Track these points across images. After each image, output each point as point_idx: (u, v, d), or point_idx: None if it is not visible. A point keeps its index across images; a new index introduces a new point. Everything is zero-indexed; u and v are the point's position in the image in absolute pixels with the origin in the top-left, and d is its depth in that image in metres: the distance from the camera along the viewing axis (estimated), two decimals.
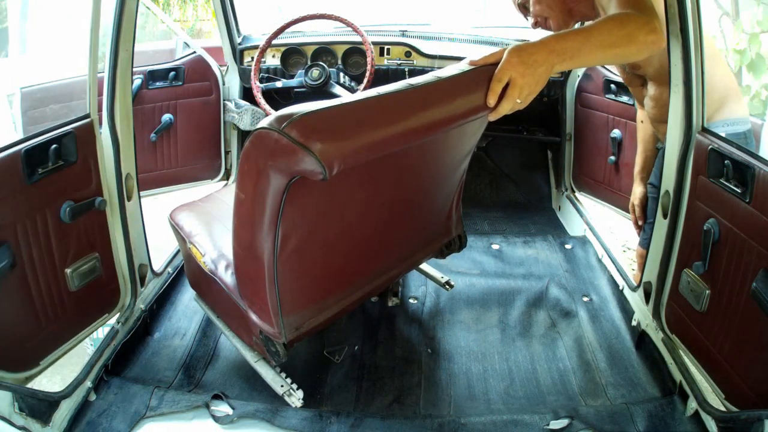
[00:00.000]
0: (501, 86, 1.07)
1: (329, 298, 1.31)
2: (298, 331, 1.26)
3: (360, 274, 1.37)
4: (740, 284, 1.20)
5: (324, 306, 1.31)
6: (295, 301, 1.21)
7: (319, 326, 1.34)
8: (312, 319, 1.29)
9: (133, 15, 1.44)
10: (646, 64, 1.54)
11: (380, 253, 1.38)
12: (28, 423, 1.20)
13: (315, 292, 1.28)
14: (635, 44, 1.15)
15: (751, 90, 3.67)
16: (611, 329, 1.69)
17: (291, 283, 1.17)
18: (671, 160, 1.42)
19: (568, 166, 2.55)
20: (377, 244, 1.33)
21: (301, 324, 1.26)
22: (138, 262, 1.61)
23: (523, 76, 1.06)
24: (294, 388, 1.40)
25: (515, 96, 1.07)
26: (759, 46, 3.58)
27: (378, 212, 1.25)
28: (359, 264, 1.34)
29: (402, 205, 1.31)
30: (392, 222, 1.32)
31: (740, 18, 3.73)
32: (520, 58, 1.07)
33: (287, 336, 1.23)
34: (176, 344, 1.62)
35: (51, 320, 1.36)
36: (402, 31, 2.61)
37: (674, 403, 1.38)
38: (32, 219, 1.29)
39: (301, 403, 1.38)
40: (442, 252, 1.59)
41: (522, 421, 1.33)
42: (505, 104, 1.08)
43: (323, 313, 1.31)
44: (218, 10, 2.46)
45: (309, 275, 1.22)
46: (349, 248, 1.26)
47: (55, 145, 1.32)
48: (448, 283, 1.80)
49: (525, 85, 1.07)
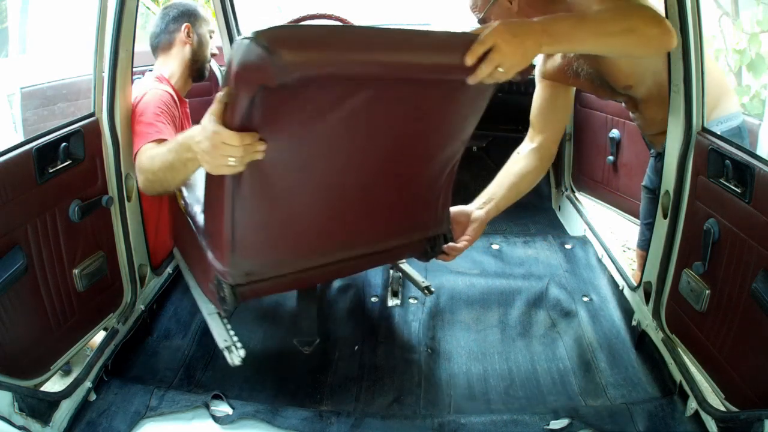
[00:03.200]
0: (483, 48, 1.03)
1: (285, 257, 1.27)
2: (248, 278, 1.23)
3: (323, 243, 1.29)
4: (740, 284, 1.20)
5: (278, 263, 1.27)
6: (249, 244, 1.18)
7: (272, 287, 1.32)
8: (264, 271, 1.25)
9: (133, 15, 1.44)
10: (638, 83, 1.50)
11: (349, 225, 1.29)
12: (28, 423, 1.20)
13: (271, 243, 1.23)
14: (636, 36, 1.13)
15: (751, 90, 3.67)
16: (611, 329, 1.69)
17: (248, 222, 1.14)
18: (671, 160, 1.42)
19: (568, 166, 2.55)
20: (347, 212, 1.25)
21: (251, 271, 1.23)
22: (138, 262, 1.62)
23: (508, 43, 1.03)
24: (238, 346, 1.36)
25: (496, 60, 1.03)
26: (759, 46, 3.58)
27: (350, 176, 1.18)
28: (324, 229, 1.26)
29: (377, 176, 1.22)
30: (366, 192, 1.24)
31: (740, 18, 3.73)
32: (509, 27, 1.05)
33: (235, 278, 1.22)
34: (176, 344, 1.62)
35: (60, 323, 1.36)
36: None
37: (674, 403, 1.38)
38: (42, 219, 1.29)
39: (240, 362, 1.35)
40: (426, 253, 1.52)
41: (522, 421, 1.33)
42: (485, 66, 1.03)
43: (276, 270, 1.28)
44: (218, 10, 2.47)
45: (268, 221, 1.18)
46: (314, 206, 1.20)
47: (64, 144, 1.32)
48: (428, 289, 1.70)
49: (509, 53, 1.04)
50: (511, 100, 2.67)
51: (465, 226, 1.56)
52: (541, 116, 1.68)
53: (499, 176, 1.64)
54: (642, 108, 1.59)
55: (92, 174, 1.43)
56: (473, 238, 1.55)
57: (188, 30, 1.81)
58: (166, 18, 1.83)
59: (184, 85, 1.85)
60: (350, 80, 1.00)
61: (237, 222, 1.13)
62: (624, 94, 1.57)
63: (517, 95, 2.53)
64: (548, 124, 1.66)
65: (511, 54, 1.04)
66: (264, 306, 1.77)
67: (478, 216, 1.56)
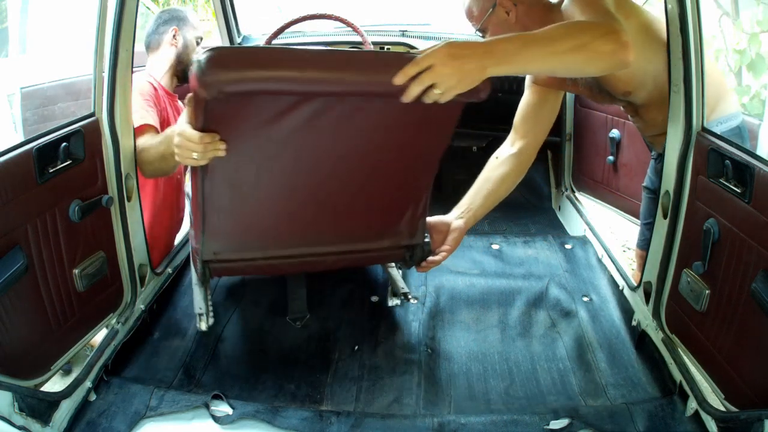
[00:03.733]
0: (416, 69, 1.03)
1: (248, 243, 1.42)
2: (215, 256, 1.41)
3: (285, 236, 1.42)
4: (740, 284, 1.20)
5: (242, 247, 1.42)
6: (216, 227, 1.35)
7: (240, 269, 1.50)
8: (229, 252, 1.42)
9: (133, 15, 1.44)
10: (637, 88, 1.48)
11: (310, 223, 1.39)
12: (28, 423, 1.20)
13: (235, 229, 1.37)
14: (586, 53, 1.10)
15: (751, 90, 3.67)
16: (611, 329, 1.69)
17: (215, 208, 1.30)
18: (671, 160, 1.42)
19: (568, 166, 2.55)
20: (306, 210, 1.36)
21: (218, 251, 1.40)
22: (138, 262, 1.62)
23: (444, 65, 1.03)
24: (211, 315, 1.55)
25: (427, 81, 1.03)
26: (759, 46, 3.58)
27: (308, 178, 1.29)
28: (285, 223, 1.39)
29: (334, 181, 1.31)
30: (325, 194, 1.33)
31: (740, 18, 3.73)
32: (449, 49, 1.04)
33: (205, 255, 1.40)
34: (176, 344, 1.62)
35: (60, 323, 1.36)
36: (402, 31, 2.61)
37: (674, 403, 1.38)
38: (42, 219, 1.29)
39: (206, 328, 1.55)
40: (406, 261, 1.55)
41: (522, 421, 1.33)
42: (414, 86, 1.04)
43: (240, 253, 1.43)
44: (218, 10, 2.47)
45: (232, 209, 1.32)
46: (274, 201, 1.33)
47: (64, 144, 1.32)
48: (406, 295, 1.69)
49: (444, 76, 1.03)
50: (512, 100, 2.67)
51: (444, 236, 1.57)
52: (526, 121, 1.67)
53: (478, 183, 1.64)
54: (642, 112, 1.58)
55: (92, 174, 1.43)
56: (452, 248, 1.56)
57: (175, 33, 1.94)
58: (159, 20, 1.97)
59: (170, 82, 1.98)
60: (291, 95, 1.11)
61: (206, 207, 1.29)
62: (623, 100, 1.57)
63: (517, 95, 2.53)
64: (531, 130, 1.66)
65: (448, 76, 1.04)
66: (264, 306, 1.77)
67: (457, 226, 1.57)
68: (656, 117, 1.52)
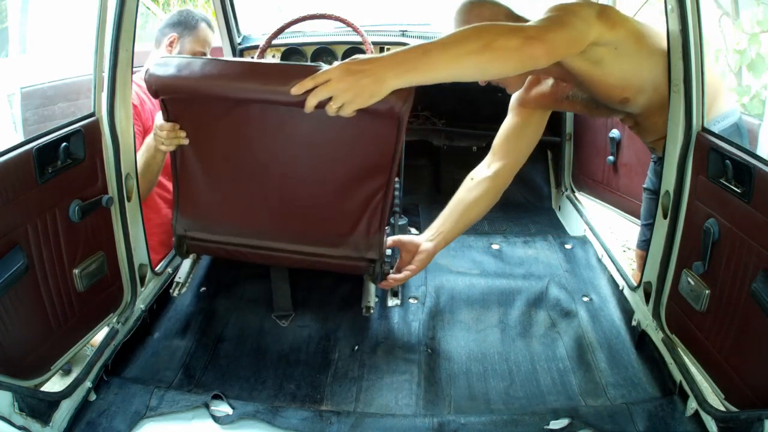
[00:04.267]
0: (312, 83, 1.08)
1: (213, 226, 1.54)
2: (186, 233, 1.55)
3: (245, 225, 1.52)
4: (740, 284, 1.20)
5: (209, 228, 1.54)
6: (186, 206, 1.50)
7: (210, 250, 1.63)
8: (197, 230, 1.54)
9: (133, 15, 1.44)
10: (636, 94, 1.45)
11: (268, 217, 1.50)
12: (28, 423, 1.20)
13: (201, 210, 1.52)
14: (493, 51, 1.10)
15: (751, 90, 3.67)
16: (611, 329, 1.69)
17: (185, 189, 1.48)
18: (671, 160, 1.42)
19: (568, 166, 2.55)
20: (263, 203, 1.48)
21: (188, 228, 1.54)
22: (138, 262, 1.62)
23: (339, 81, 1.06)
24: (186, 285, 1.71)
25: (321, 95, 1.08)
26: (759, 46, 3.58)
27: (260, 174, 1.42)
28: (244, 213, 1.50)
29: (283, 181, 1.42)
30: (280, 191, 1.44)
31: (740, 18, 3.73)
32: (347, 65, 1.08)
33: (178, 230, 1.55)
34: (176, 344, 1.62)
35: (60, 324, 1.36)
36: (402, 31, 2.61)
37: (674, 403, 1.38)
38: (42, 219, 1.29)
39: (177, 294, 1.69)
40: (370, 273, 1.54)
41: (522, 421, 1.33)
42: (310, 98, 1.09)
43: (207, 234, 1.55)
44: (218, 10, 2.47)
45: (197, 192, 1.48)
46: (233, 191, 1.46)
47: (64, 143, 1.32)
48: (367, 307, 1.65)
49: (339, 90, 1.07)
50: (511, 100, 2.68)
51: (413, 255, 1.61)
52: (506, 143, 1.68)
53: (451, 204, 1.65)
54: (642, 119, 1.56)
55: (92, 174, 1.43)
56: (418, 269, 1.60)
57: (173, 40, 1.92)
58: (170, 20, 1.95)
59: None
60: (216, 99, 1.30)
61: (180, 187, 1.48)
62: (621, 111, 1.54)
63: None
64: (511, 152, 1.66)
65: (343, 90, 1.07)
66: (264, 307, 1.77)
67: (425, 248, 1.60)
68: (657, 121, 1.51)
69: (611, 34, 1.32)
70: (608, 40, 1.32)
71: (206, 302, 1.78)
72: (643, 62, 1.42)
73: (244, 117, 1.32)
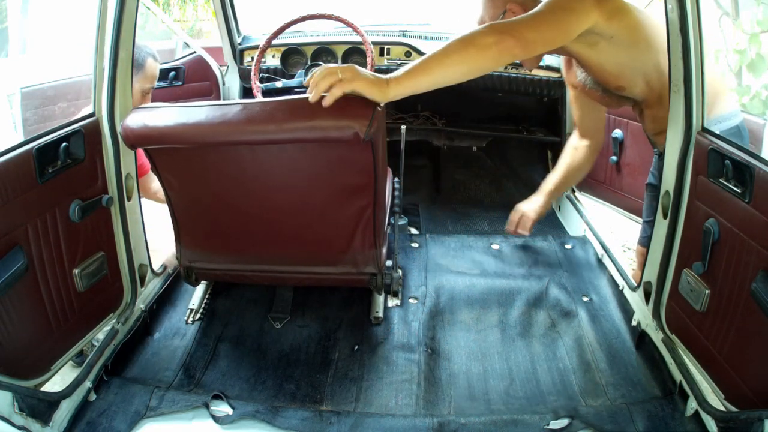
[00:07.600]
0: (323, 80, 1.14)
1: (217, 256, 1.57)
2: (191, 264, 1.57)
3: (250, 252, 1.55)
4: (740, 284, 1.20)
5: (213, 259, 1.57)
6: (191, 238, 1.51)
7: (219, 276, 1.66)
8: (202, 262, 1.57)
9: (133, 15, 1.44)
10: (630, 85, 1.53)
11: (268, 244, 1.52)
12: (28, 423, 1.20)
13: (203, 243, 1.54)
14: (473, 48, 1.20)
15: (751, 90, 3.67)
16: (611, 329, 1.69)
17: (183, 225, 1.48)
18: (671, 160, 1.42)
19: None
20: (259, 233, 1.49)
21: (194, 260, 1.56)
22: (138, 262, 1.62)
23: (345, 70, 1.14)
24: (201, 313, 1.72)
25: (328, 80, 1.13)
26: (759, 46, 3.58)
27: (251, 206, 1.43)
28: (247, 241, 1.52)
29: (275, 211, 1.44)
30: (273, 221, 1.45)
31: (740, 18, 3.73)
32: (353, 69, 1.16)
33: (183, 261, 1.56)
34: (176, 344, 1.62)
35: (60, 324, 1.36)
36: (402, 31, 2.61)
37: (674, 403, 1.38)
38: (42, 219, 1.29)
39: (191, 321, 1.71)
40: (375, 286, 1.55)
41: (522, 421, 1.33)
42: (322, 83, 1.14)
43: (212, 264, 1.58)
44: (218, 10, 2.47)
45: (196, 226, 1.49)
46: (230, 223, 1.47)
47: (64, 144, 1.32)
48: (375, 317, 1.71)
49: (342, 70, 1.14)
50: (511, 100, 2.68)
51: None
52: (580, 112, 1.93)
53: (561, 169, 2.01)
54: (644, 107, 1.61)
55: (92, 174, 1.43)
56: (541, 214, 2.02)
57: None
58: None
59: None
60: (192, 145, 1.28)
61: (179, 223, 1.48)
62: (626, 98, 1.60)
63: (516, 95, 2.53)
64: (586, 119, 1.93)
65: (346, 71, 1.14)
66: (264, 307, 1.77)
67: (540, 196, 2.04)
68: (658, 113, 1.54)
69: (607, 25, 1.37)
70: (603, 29, 1.38)
71: (206, 302, 1.78)
72: (637, 56, 1.46)
73: (221, 157, 1.32)
